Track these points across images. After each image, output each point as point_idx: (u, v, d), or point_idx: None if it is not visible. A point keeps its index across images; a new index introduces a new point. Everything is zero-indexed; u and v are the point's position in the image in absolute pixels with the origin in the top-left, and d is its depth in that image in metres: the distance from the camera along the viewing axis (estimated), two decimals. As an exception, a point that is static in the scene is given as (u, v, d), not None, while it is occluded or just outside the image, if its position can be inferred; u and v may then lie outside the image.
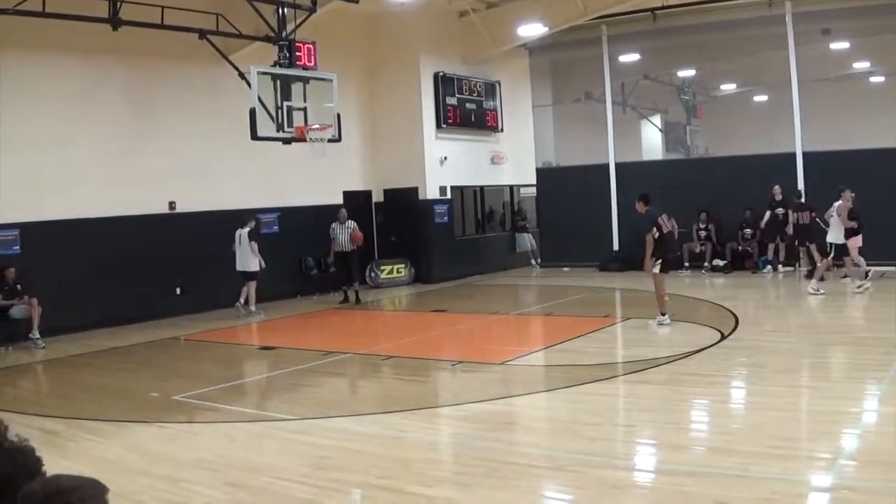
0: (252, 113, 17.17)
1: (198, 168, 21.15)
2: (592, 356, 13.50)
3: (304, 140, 18.05)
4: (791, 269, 23.20)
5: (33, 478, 2.54)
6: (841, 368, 11.52)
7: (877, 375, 10.79)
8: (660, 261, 15.99)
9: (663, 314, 15.94)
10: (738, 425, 9.28)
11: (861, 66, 26.97)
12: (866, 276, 20.24)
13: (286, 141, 18.18)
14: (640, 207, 16.44)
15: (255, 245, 20.47)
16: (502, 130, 29.18)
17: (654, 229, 15.81)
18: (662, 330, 15.62)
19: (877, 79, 27.13)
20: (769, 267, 23.46)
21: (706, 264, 24.77)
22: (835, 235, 19.15)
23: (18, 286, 16.97)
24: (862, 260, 20.90)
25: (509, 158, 29.63)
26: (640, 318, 17.05)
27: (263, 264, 20.58)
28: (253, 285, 20.61)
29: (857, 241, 21.20)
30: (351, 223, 22.16)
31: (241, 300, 20.62)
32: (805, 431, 8.91)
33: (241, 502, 7.38)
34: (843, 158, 23.38)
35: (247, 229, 20.60)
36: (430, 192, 26.24)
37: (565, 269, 27.78)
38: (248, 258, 20.42)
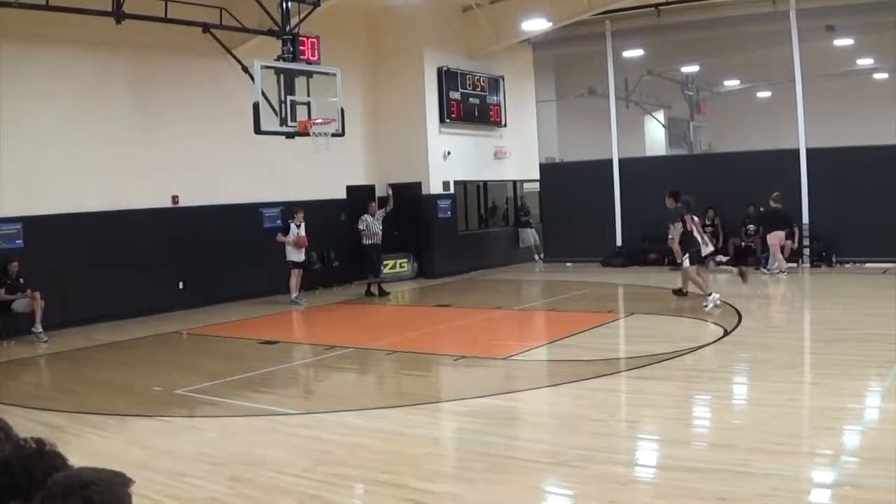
0: (255, 107, 17.18)
1: (201, 162, 21.13)
2: (595, 352, 13.50)
3: (307, 134, 18.06)
4: (794, 265, 23.20)
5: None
6: (844, 365, 11.49)
7: (880, 372, 10.78)
8: (687, 255, 17.38)
9: (709, 294, 16.96)
10: (741, 421, 9.27)
11: (865, 62, 26.96)
12: (779, 271, 22.29)
13: (289, 135, 18.19)
14: (670, 203, 17.69)
15: (281, 236, 21.22)
16: (506, 125, 29.15)
17: (679, 223, 17.12)
18: (713, 309, 16.59)
19: (881, 75, 27.09)
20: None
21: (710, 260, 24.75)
22: None
23: (21, 280, 16.99)
24: (781, 259, 22.44)
25: (512, 153, 29.59)
26: (643, 313, 17.10)
27: (297, 258, 21.35)
28: (295, 273, 21.26)
29: (776, 237, 22.47)
30: (381, 213, 22.32)
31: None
32: (807, 428, 8.91)
33: (244, 496, 7.38)
34: (846, 155, 23.40)
35: (289, 222, 21.36)
36: (434, 187, 26.23)
37: (568, 264, 27.79)
38: (287, 249, 21.19)
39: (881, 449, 7.68)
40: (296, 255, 21.17)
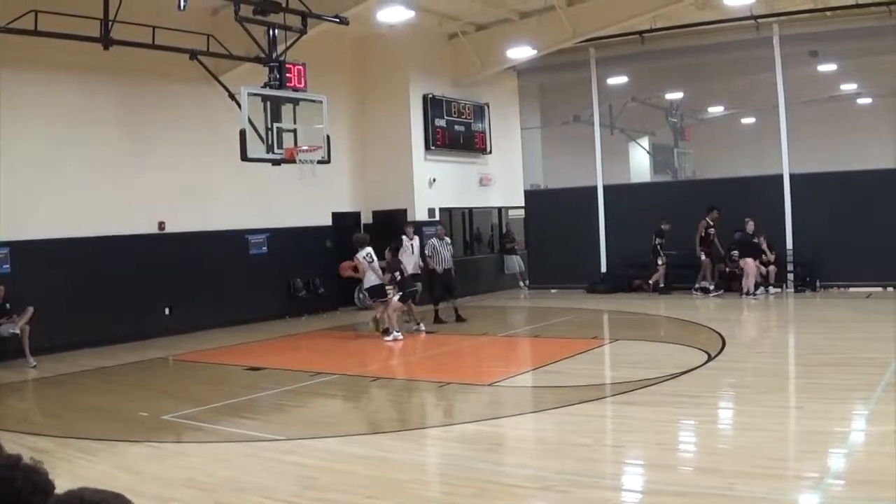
0: (242, 134, 17.17)
1: (187, 188, 21.21)
2: (580, 377, 13.52)
3: (293, 161, 18.04)
4: (779, 290, 23.30)
5: (46, 496, 2.53)
6: (828, 389, 11.55)
7: (864, 395, 10.84)
8: (400, 293, 19.31)
9: (397, 331, 18.87)
10: (726, 445, 9.32)
11: (848, 87, 27.14)
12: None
13: (276, 162, 18.18)
14: (389, 255, 19.95)
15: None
16: (491, 152, 29.27)
17: (397, 273, 19.46)
18: (393, 342, 18.47)
19: (864, 100, 27.30)
20: (762, 289, 23.51)
21: (695, 286, 24.81)
22: None
23: (8, 305, 16.96)
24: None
25: (498, 180, 29.71)
26: (628, 339, 17.17)
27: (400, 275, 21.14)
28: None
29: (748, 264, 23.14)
30: (449, 240, 22.36)
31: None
32: (792, 451, 8.95)
33: (231, 522, 7.40)
34: (830, 180, 23.55)
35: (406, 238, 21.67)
36: (419, 214, 26.28)
37: (553, 290, 27.84)
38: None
39: (865, 472, 7.75)
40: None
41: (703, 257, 24.37)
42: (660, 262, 25.10)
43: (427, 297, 21.72)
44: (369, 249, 19.60)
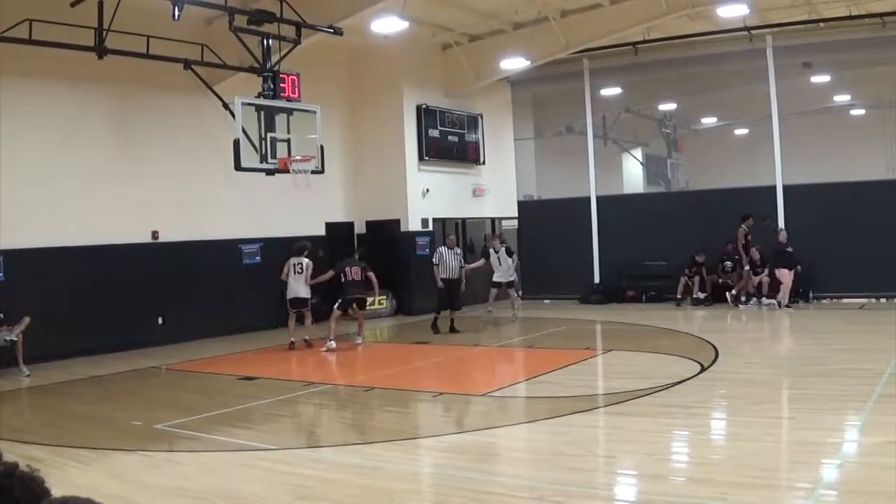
0: (236, 143, 17.15)
1: (181, 198, 21.21)
2: (573, 388, 13.52)
3: (287, 171, 18.03)
4: (772, 301, 23.27)
5: None
6: (820, 399, 11.57)
7: (856, 406, 10.85)
8: (339, 300, 19.61)
9: (332, 340, 19.08)
10: (718, 456, 9.32)
11: (841, 98, 27.21)
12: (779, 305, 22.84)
13: (269, 172, 18.17)
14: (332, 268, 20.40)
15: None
16: (484, 163, 29.28)
17: (340, 274, 19.68)
18: (328, 352, 18.76)
19: (857, 111, 27.37)
20: (754, 300, 23.51)
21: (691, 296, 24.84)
22: None
23: (1, 315, 16.92)
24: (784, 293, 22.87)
25: (491, 191, 29.70)
26: (621, 350, 17.18)
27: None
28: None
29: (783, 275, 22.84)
30: (459, 250, 22.55)
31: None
32: (784, 461, 8.96)
33: (223, 531, 7.38)
34: (823, 191, 23.61)
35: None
36: (412, 224, 26.32)
37: (546, 301, 27.85)
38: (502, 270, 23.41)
39: (858, 482, 7.76)
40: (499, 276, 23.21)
41: (746, 267, 24.20)
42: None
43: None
44: (303, 260, 19.89)
